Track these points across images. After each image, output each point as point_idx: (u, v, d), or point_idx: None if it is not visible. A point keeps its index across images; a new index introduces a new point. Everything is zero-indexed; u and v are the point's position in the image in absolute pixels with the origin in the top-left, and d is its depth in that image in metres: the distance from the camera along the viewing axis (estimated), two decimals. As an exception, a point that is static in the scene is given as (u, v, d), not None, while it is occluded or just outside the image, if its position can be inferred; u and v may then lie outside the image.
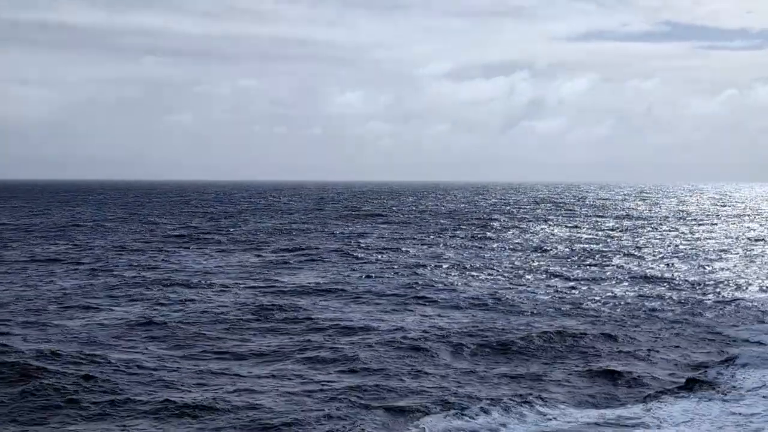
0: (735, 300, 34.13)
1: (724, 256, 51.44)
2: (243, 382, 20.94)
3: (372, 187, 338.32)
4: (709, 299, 34.43)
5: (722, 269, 44.58)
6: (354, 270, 43.19)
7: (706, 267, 45.60)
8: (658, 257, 50.44)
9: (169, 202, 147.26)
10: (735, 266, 45.93)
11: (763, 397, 20.43)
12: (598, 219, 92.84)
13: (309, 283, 38.14)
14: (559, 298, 34.42)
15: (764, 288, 37.57)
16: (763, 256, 51.14)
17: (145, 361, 22.79)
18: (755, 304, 33.25)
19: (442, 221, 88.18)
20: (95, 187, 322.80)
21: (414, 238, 63.77)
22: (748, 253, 53.44)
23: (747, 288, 37.61)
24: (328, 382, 21.01)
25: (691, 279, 40.47)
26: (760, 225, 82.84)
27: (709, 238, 64.65)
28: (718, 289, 37.14)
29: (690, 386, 21.13)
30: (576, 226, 78.80)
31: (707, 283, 39.21)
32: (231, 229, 72.97)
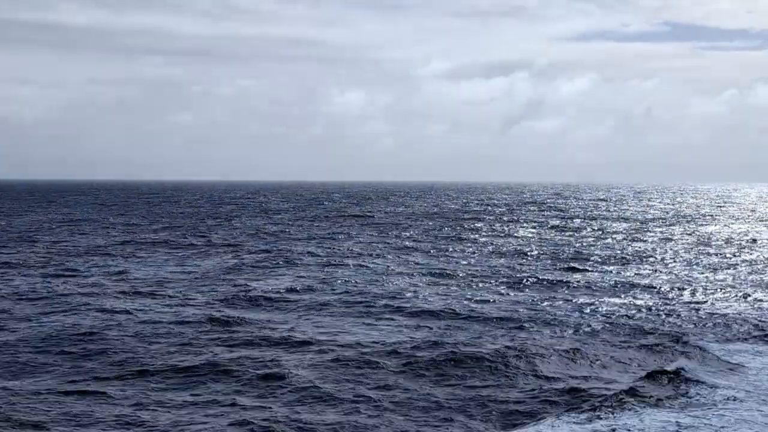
0: (707, 309, 32.39)
1: (707, 260, 49.75)
2: (165, 414, 19.01)
3: (369, 188, 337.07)
4: (681, 307, 32.73)
5: (703, 274, 42.86)
6: (327, 275, 41.56)
7: (686, 272, 43.93)
8: (639, 261, 48.77)
9: (159, 203, 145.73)
10: (717, 271, 44.23)
11: (730, 409, 19.29)
12: (587, 221, 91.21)
13: (276, 289, 36.44)
14: (530, 307, 32.67)
15: (740, 296, 35.81)
16: (748, 262, 49.44)
17: (61, 387, 20.87)
18: (728, 312, 31.57)
19: (429, 223, 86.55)
20: (88, 187, 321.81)
21: (395, 242, 62.10)
22: (734, 257, 51.76)
23: (723, 295, 35.85)
24: (260, 408, 19.33)
25: (667, 285, 38.81)
26: (753, 227, 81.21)
27: (697, 241, 62.99)
28: (693, 296, 35.52)
29: (655, 399, 19.92)
30: (563, 229, 77.14)
31: (684, 288, 37.55)
32: (212, 231, 71.38)
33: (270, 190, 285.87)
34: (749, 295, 36.02)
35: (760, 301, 34.69)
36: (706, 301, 34.38)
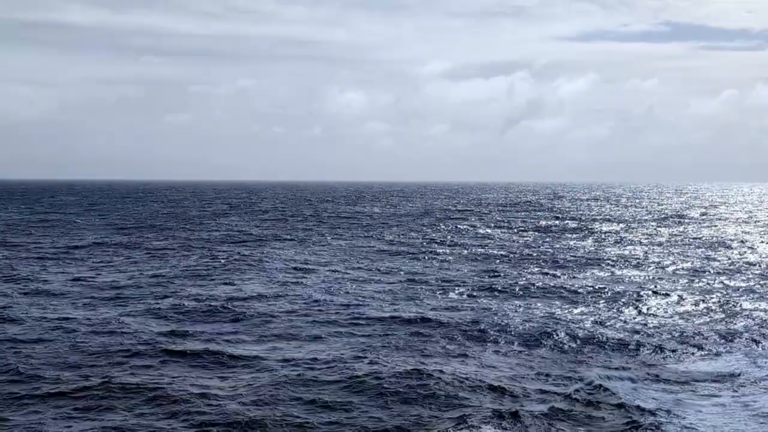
0: (676, 322, 30.48)
1: (688, 264, 47.95)
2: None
3: (363, 187, 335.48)
4: (651, 318, 30.93)
5: (682, 281, 41.06)
6: (297, 280, 39.84)
7: (664, 278, 42.14)
8: (619, 267, 46.84)
9: (149, 203, 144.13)
10: (695, 277, 42.43)
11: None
12: (577, 222, 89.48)
13: (238, 296, 34.62)
14: (496, 315, 30.57)
15: (715, 307, 33.83)
16: (729, 269, 47.66)
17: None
18: (696, 326, 29.63)
19: (416, 224, 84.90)
20: (83, 187, 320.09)
21: (376, 245, 60.41)
22: (717, 262, 50.06)
23: (698, 307, 33.78)
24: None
25: (643, 293, 36.77)
26: (742, 229, 79.52)
27: (681, 243, 61.26)
28: (665, 307, 33.47)
29: (598, 423, 18.37)
30: (550, 231, 75.36)
31: (658, 297, 35.59)
32: (192, 232, 69.71)
33: (268, 190, 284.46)
34: (725, 306, 34.22)
35: (733, 312, 32.84)
36: (677, 313, 32.37)
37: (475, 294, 36.61)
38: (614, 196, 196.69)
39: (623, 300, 35.04)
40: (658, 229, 78.85)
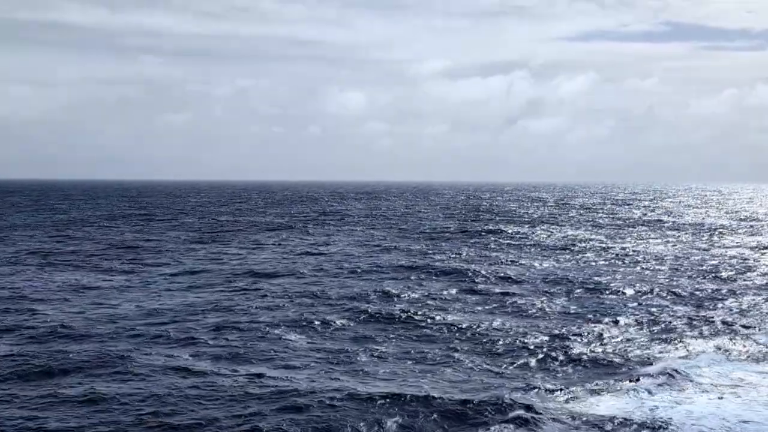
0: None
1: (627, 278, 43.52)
2: None
3: (359, 188, 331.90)
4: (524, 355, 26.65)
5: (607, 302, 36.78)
6: (151, 309, 35.37)
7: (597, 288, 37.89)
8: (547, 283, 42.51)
9: (111, 203, 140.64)
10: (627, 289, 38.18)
11: None
12: (557, 226, 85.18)
13: (60, 328, 29.29)
14: (357, 349, 26.48)
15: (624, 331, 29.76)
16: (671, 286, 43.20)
17: None
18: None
19: (370, 225, 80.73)
20: (69, 186, 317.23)
21: (310, 260, 56.11)
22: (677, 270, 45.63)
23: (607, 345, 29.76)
24: None
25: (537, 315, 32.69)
26: (718, 236, 75.13)
27: (655, 248, 56.88)
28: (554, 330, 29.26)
29: None
30: (512, 237, 70.72)
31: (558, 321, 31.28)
32: (121, 235, 65.72)
33: (256, 190, 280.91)
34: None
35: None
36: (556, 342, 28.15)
37: (353, 318, 32.41)
38: (610, 198, 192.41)
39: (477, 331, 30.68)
40: (635, 232, 74.25)
